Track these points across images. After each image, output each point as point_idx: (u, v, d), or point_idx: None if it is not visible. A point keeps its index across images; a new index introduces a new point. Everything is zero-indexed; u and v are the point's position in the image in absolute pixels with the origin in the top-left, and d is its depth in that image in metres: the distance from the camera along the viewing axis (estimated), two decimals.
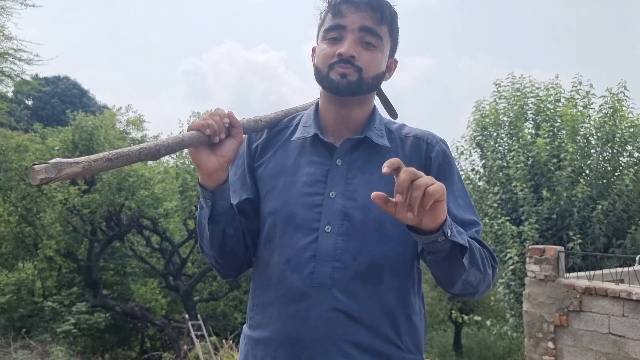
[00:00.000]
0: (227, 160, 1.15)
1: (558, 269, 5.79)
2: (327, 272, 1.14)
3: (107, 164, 1.05)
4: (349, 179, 1.19)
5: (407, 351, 1.18)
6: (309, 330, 1.13)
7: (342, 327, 1.13)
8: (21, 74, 13.55)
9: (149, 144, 1.10)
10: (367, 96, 1.23)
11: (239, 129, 1.16)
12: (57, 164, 0.99)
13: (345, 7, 1.18)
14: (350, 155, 1.21)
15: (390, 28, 1.21)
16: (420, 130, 1.29)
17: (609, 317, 5.22)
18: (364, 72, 1.17)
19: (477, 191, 9.49)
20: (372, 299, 1.15)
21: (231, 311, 16.43)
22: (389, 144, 1.22)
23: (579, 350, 5.49)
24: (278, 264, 1.18)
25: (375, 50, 1.19)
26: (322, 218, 1.16)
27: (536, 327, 5.92)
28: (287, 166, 1.23)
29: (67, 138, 13.61)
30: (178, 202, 14.27)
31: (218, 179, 1.16)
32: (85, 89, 28.36)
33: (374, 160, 1.20)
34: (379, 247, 1.16)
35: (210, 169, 1.14)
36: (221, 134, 1.13)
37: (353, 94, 1.18)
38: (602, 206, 7.93)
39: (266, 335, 1.18)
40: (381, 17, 1.18)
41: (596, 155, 8.57)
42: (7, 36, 12.58)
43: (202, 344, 11.86)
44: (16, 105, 20.33)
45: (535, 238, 7.85)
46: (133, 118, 16.65)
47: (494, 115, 9.42)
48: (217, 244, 1.22)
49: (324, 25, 1.22)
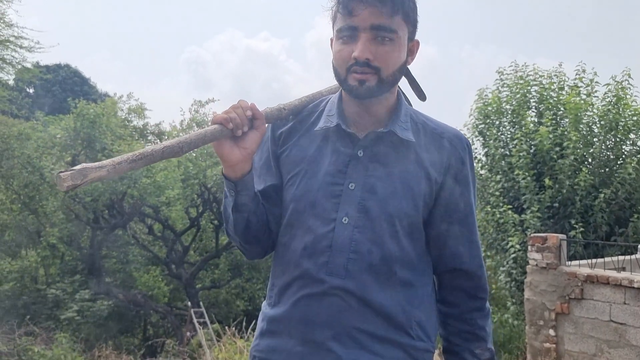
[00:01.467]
0: (250, 152, 1.17)
1: (560, 257, 5.80)
2: (342, 263, 1.16)
3: (132, 165, 1.08)
4: (369, 172, 1.19)
5: (417, 339, 1.20)
6: (321, 314, 1.16)
7: (354, 315, 1.15)
8: (22, 62, 13.51)
9: (172, 142, 1.12)
10: (394, 89, 1.22)
11: (262, 120, 1.17)
12: (82, 170, 1.01)
13: (355, 5, 1.14)
14: (372, 147, 1.20)
15: (405, 14, 1.16)
16: (446, 128, 1.27)
17: (611, 305, 5.24)
18: (382, 71, 1.15)
19: (479, 179, 9.47)
20: (384, 290, 1.17)
21: (233, 299, 16.51)
22: (413, 139, 1.20)
23: (580, 337, 5.52)
24: (296, 250, 1.21)
25: (392, 44, 1.15)
26: (340, 209, 1.18)
27: (537, 314, 5.94)
28: (310, 154, 1.24)
29: (69, 126, 13.60)
30: (180, 190, 14.27)
31: (242, 170, 1.18)
32: (86, 77, 28.30)
33: (397, 154, 1.20)
34: (392, 243, 1.17)
35: (234, 161, 1.16)
36: (244, 127, 1.15)
37: (374, 97, 1.18)
38: (604, 194, 7.92)
39: (281, 314, 1.21)
40: (392, 9, 1.13)
41: (599, 144, 8.54)
42: (8, 23, 12.52)
43: (205, 331, 11.94)
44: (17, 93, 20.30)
45: (537, 226, 7.85)
46: (135, 106, 16.61)
47: (496, 104, 9.38)
48: (241, 230, 1.25)
49: (336, 24, 1.19)
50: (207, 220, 16.09)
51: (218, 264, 16.52)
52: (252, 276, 16.41)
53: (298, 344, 1.18)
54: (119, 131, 14.35)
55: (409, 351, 1.18)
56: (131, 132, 15.87)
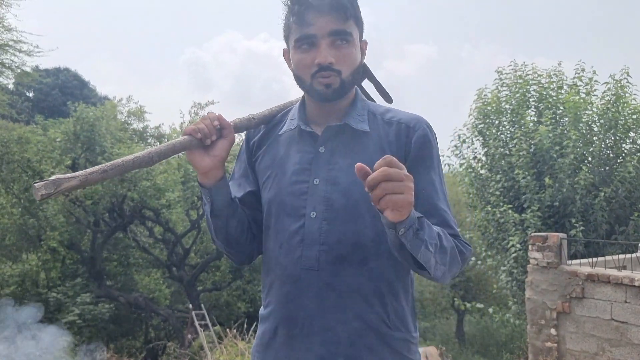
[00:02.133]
0: (220, 159, 1.25)
1: (560, 256, 5.80)
2: (314, 256, 1.21)
3: (103, 175, 1.15)
4: (331, 165, 1.24)
5: (394, 329, 1.24)
6: (301, 309, 1.22)
7: (332, 306, 1.20)
8: (22, 66, 13.51)
9: (142, 153, 1.20)
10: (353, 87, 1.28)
11: (229, 129, 1.26)
12: (55, 180, 1.09)
13: (310, 15, 1.19)
14: (332, 142, 1.26)
15: (356, 18, 1.23)
16: (406, 115, 1.31)
17: (612, 304, 5.24)
18: (343, 73, 1.21)
19: (479, 179, 9.47)
20: (357, 279, 1.20)
21: (234, 301, 16.51)
22: (368, 129, 1.25)
23: (582, 336, 5.51)
24: (274, 249, 1.28)
25: (349, 46, 1.22)
26: (307, 204, 1.23)
27: (539, 314, 5.94)
28: (278, 158, 1.31)
29: (68, 129, 13.59)
30: (180, 192, 14.28)
31: (214, 176, 1.26)
32: (85, 81, 28.30)
33: (356, 145, 1.25)
34: (361, 230, 1.21)
35: (205, 169, 1.24)
36: (212, 136, 1.23)
37: (340, 98, 1.24)
38: (604, 193, 7.92)
39: (269, 312, 1.29)
40: (345, 15, 1.20)
41: (599, 143, 8.54)
42: (7, 27, 12.53)
43: (206, 334, 11.93)
44: (17, 97, 20.31)
45: (537, 225, 7.85)
46: (134, 109, 16.60)
47: (496, 103, 9.38)
48: (223, 234, 1.32)
49: (293, 34, 1.23)
50: None
51: (219, 266, 16.51)
52: (253, 278, 16.41)
53: (287, 337, 1.24)
54: (118, 134, 14.35)
55: (386, 340, 1.22)
56: (131, 135, 15.87)
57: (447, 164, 10.28)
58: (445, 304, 18.17)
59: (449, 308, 18.22)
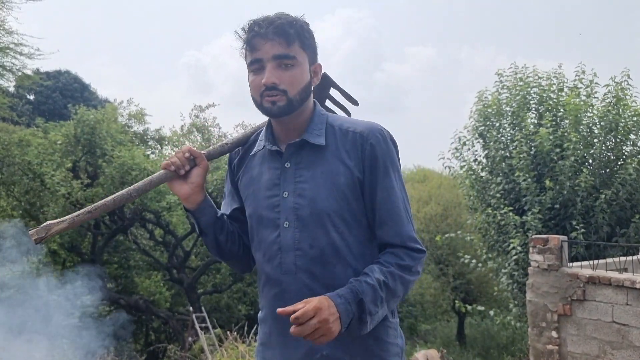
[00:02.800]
0: (197, 185, 1.43)
1: (561, 259, 5.79)
2: (291, 260, 1.37)
3: (88, 215, 1.35)
4: (297, 178, 1.38)
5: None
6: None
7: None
8: (22, 69, 13.53)
9: (122, 192, 1.38)
10: (304, 106, 1.41)
11: (201, 157, 1.44)
12: (46, 225, 1.30)
13: (257, 41, 1.35)
14: (295, 157, 1.40)
15: (302, 42, 1.37)
16: (361, 124, 1.42)
17: (613, 306, 5.23)
18: (289, 92, 1.35)
19: (479, 182, 9.47)
20: (331, 278, 1.34)
21: (235, 303, 16.49)
22: (324, 142, 1.39)
23: (583, 339, 5.50)
24: (259, 259, 1.45)
25: (293, 69, 1.35)
26: (280, 216, 1.38)
27: (540, 316, 5.93)
28: (254, 176, 1.46)
29: (69, 132, 13.60)
30: None
31: (195, 201, 1.45)
32: (86, 83, 28.30)
33: (316, 158, 1.39)
34: (328, 235, 1.35)
35: (185, 195, 1.43)
36: (185, 167, 1.42)
37: (287, 114, 1.37)
38: (605, 195, 7.91)
39: (264, 315, 1.46)
40: (287, 40, 1.34)
41: (599, 145, 8.53)
42: (8, 30, 12.54)
43: (207, 336, 11.92)
44: (18, 100, 20.33)
45: (538, 228, 7.84)
46: (135, 112, 16.61)
47: (496, 106, 9.38)
48: (215, 249, 1.51)
49: (246, 59, 1.39)
50: None
51: (219, 269, 16.49)
52: (253, 281, 16.39)
53: (279, 336, 1.39)
54: (119, 137, 14.35)
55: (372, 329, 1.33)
56: (132, 138, 15.87)
57: (448, 167, 10.27)
58: (446, 307, 18.15)
59: (450, 310, 18.19)
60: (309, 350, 1.35)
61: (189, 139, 15.69)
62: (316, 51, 1.43)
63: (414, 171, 24.84)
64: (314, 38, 1.41)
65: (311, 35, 1.40)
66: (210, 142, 15.10)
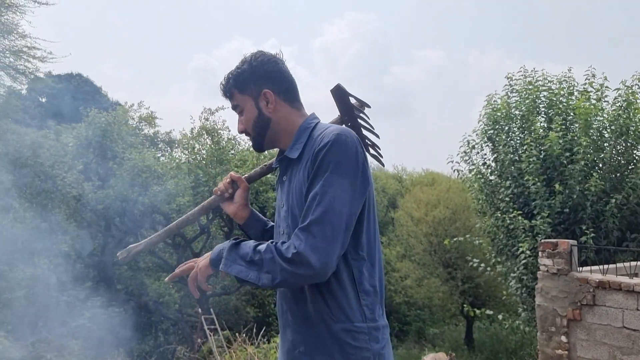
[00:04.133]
0: (240, 204, 1.72)
1: (571, 263, 5.77)
2: None
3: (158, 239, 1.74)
4: (285, 191, 1.59)
5: (336, 321, 1.47)
6: (283, 305, 1.59)
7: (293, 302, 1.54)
8: (35, 72, 13.68)
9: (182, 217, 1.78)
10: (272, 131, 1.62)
11: (240, 180, 1.72)
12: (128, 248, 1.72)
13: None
14: (287, 172, 1.61)
15: (239, 89, 1.62)
16: (326, 131, 1.51)
17: (623, 311, 5.20)
18: (250, 132, 1.64)
19: (488, 185, 9.45)
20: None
21: (243, 305, 16.53)
22: (296, 155, 1.55)
23: (593, 344, 5.48)
24: None
25: (243, 113, 1.64)
26: (281, 225, 1.60)
27: (549, 321, 5.91)
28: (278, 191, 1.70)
29: (80, 135, 13.74)
30: (190, 197, 14.35)
31: (242, 217, 1.74)
32: (97, 86, 28.59)
33: (294, 170, 1.56)
34: None
35: (233, 212, 1.73)
36: (228, 190, 1.72)
37: (261, 148, 1.66)
38: (615, 200, 7.87)
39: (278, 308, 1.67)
40: (229, 95, 1.65)
41: (610, 149, 8.49)
42: (22, 34, 12.70)
43: (215, 338, 11.96)
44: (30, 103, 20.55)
45: (547, 232, 7.82)
46: (145, 114, 16.75)
47: (505, 109, 9.36)
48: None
49: None
50: (217, 227, 16.15)
51: None
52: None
53: (281, 329, 1.62)
54: (130, 139, 14.47)
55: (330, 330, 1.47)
56: (142, 140, 16.00)
57: (456, 170, 10.26)
58: (455, 310, 18.06)
59: (458, 314, 18.11)
60: (291, 345, 1.55)
61: (199, 142, 15.76)
62: (259, 82, 1.61)
63: (423, 174, 24.78)
64: (250, 73, 1.61)
65: (246, 75, 1.61)
66: (220, 145, 15.16)
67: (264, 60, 1.61)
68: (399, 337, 18.19)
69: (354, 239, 1.48)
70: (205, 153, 15.34)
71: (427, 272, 17.29)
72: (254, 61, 1.61)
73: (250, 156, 14.50)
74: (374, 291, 1.53)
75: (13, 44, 12.81)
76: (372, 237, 1.54)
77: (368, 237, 1.52)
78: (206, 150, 15.33)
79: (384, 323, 1.55)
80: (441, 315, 19.28)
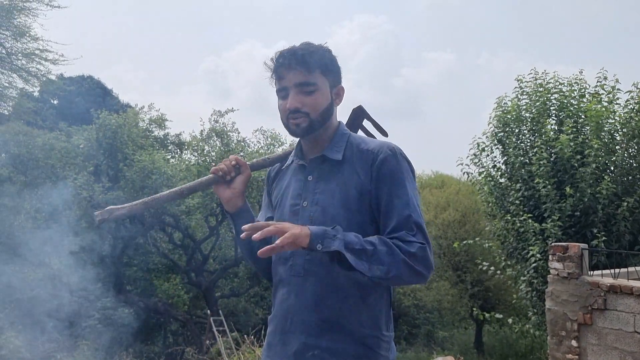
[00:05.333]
0: (238, 190, 1.61)
1: (582, 267, 5.71)
2: (301, 264, 1.49)
3: (144, 206, 1.55)
4: (316, 190, 1.53)
5: (365, 326, 1.45)
6: (289, 308, 1.50)
7: (311, 307, 1.46)
8: (47, 74, 13.83)
9: (175, 189, 1.59)
10: (326, 125, 1.56)
11: (245, 166, 1.62)
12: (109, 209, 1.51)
13: (282, 70, 1.51)
14: (317, 170, 1.56)
15: (323, 69, 1.52)
16: (375, 143, 1.55)
17: (635, 316, 5.14)
18: (311, 114, 1.50)
19: (498, 188, 9.39)
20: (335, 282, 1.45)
21: (252, 307, 16.56)
22: (341, 158, 1.53)
23: (604, 349, 5.42)
24: (275, 260, 1.59)
25: (314, 94, 1.50)
26: (298, 222, 1.48)
27: (559, 325, 5.86)
28: (283, 187, 1.64)
29: (91, 136, 13.85)
30: (200, 199, 14.41)
31: (235, 205, 1.62)
32: (108, 89, 28.78)
33: (333, 171, 1.53)
34: None
35: (226, 199, 1.61)
36: (231, 173, 1.60)
37: (310, 134, 1.54)
38: (627, 203, 7.79)
39: (273, 314, 1.59)
40: (308, 68, 1.49)
41: (621, 152, 8.41)
42: (34, 37, 12.85)
43: (224, 340, 11.99)
44: (42, 105, 20.75)
45: (558, 235, 7.75)
46: (155, 117, 16.84)
47: (515, 112, 9.31)
48: (247, 253, 1.65)
49: (275, 87, 1.56)
50: (226, 229, 16.19)
51: (237, 273, 16.58)
52: (271, 285, 16.38)
53: (281, 334, 1.52)
54: (140, 141, 14.56)
55: (353, 335, 1.44)
56: (152, 142, 16.08)
57: (466, 173, 10.20)
58: (464, 314, 17.97)
59: (468, 318, 18.02)
60: (302, 347, 1.45)
61: (209, 144, 15.83)
62: (339, 75, 1.58)
63: (432, 177, 24.69)
64: (336, 63, 1.56)
65: (333, 62, 1.55)
66: (229, 147, 15.21)
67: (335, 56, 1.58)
68: (408, 340, 18.11)
69: None
70: (214, 155, 15.40)
71: (437, 275, 17.21)
72: (329, 53, 1.56)
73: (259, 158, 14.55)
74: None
75: (25, 47, 12.96)
76: None
77: None
78: (215, 152, 15.40)
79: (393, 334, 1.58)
80: (450, 319, 19.18)
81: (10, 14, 12.33)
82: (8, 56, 12.79)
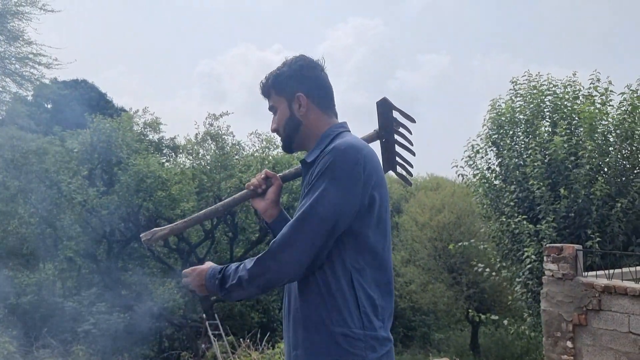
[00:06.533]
0: (271, 201, 1.75)
1: (576, 268, 5.73)
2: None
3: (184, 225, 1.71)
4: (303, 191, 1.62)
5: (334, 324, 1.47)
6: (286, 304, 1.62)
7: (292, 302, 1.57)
8: (41, 78, 13.77)
9: (211, 207, 1.78)
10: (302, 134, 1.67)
11: (275, 177, 1.77)
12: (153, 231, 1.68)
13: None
14: (307, 173, 1.62)
15: (276, 89, 1.69)
16: (338, 142, 1.56)
17: (629, 316, 5.16)
18: (280, 131, 1.70)
19: (493, 190, 9.41)
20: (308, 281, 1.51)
21: (248, 311, 16.51)
22: (310, 160, 1.60)
23: (599, 349, 5.44)
24: None
25: (277, 113, 1.70)
26: None
27: (554, 326, 5.87)
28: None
29: (85, 141, 13.79)
30: (195, 202, 14.38)
31: (271, 215, 1.76)
32: (103, 93, 28.71)
33: (305, 174, 1.63)
34: None
35: (263, 209, 1.76)
36: (262, 186, 1.75)
37: (290, 146, 1.71)
38: (621, 204, 7.83)
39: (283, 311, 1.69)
40: (267, 94, 1.72)
41: (615, 153, 8.45)
42: (27, 41, 12.80)
43: (220, 343, 11.95)
44: (36, 109, 20.66)
45: (552, 237, 7.78)
46: (150, 120, 16.80)
47: (510, 114, 9.34)
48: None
49: None
50: (221, 233, 16.17)
51: None
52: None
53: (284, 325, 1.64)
54: (134, 145, 14.51)
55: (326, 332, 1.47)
56: (147, 146, 16.05)
57: (461, 175, 10.23)
58: (460, 316, 18.00)
59: (464, 319, 18.03)
60: (289, 348, 1.58)
61: (203, 147, 15.80)
62: (292, 86, 1.67)
63: (427, 179, 24.74)
64: (290, 75, 1.67)
65: (283, 78, 1.68)
66: (224, 150, 15.18)
67: (303, 64, 1.68)
68: (404, 343, 18.11)
69: (356, 245, 1.49)
70: (209, 158, 15.38)
71: (432, 277, 17.23)
72: (293, 64, 1.68)
73: (254, 161, 14.52)
74: (376, 300, 1.51)
75: (19, 51, 12.91)
76: (379, 247, 1.53)
77: (373, 246, 1.51)
78: (210, 156, 15.37)
79: (384, 335, 1.51)
80: (446, 321, 19.20)
81: (4, 18, 12.29)
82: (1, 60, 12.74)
